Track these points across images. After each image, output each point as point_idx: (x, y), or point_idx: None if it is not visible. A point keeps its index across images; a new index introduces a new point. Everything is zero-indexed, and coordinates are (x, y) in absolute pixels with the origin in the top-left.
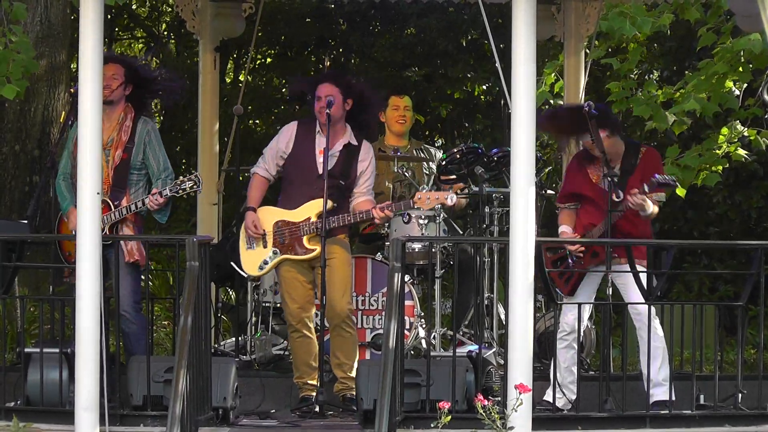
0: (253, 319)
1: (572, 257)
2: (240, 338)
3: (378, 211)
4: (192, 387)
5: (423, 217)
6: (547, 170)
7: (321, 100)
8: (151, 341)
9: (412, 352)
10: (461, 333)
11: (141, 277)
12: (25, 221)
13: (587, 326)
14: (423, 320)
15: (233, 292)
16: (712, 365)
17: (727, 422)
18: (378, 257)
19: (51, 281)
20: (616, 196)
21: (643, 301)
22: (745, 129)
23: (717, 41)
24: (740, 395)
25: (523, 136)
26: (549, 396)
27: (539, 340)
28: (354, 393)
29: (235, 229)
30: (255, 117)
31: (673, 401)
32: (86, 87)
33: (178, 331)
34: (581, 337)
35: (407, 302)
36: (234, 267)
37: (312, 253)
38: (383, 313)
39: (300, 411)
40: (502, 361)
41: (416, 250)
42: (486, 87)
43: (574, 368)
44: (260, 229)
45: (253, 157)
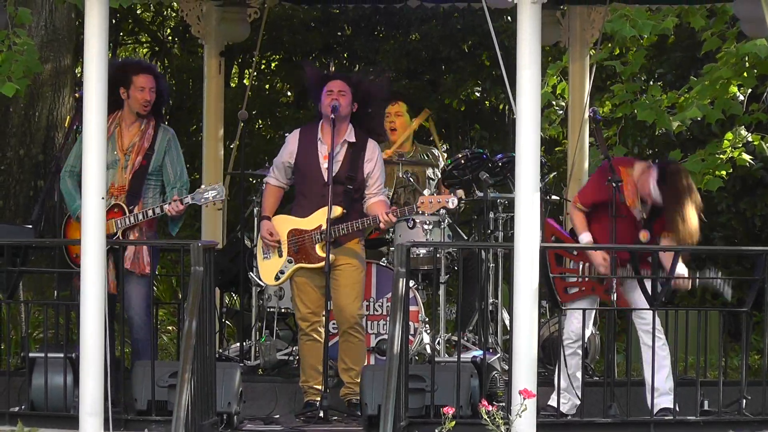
0: (258, 324)
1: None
2: (244, 343)
3: (384, 216)
4: (196, 392)
5: (428, 222)
6: (551, 175)
7: (333, 93)
8: (156, 346)
9: (417, 357)
10: (466, 338)
11: (152, 282)
12: (30, 226)
13: (592, 332)
14: (427, 325)
15: (238, 297)
16: (717, 371)
17: (731, 428)
18: (383, 262)
19: (56, 286)
20: (643, 238)
21: (647, 308)
22: (749, 134)
23: (722, 46)
24: (744, 401)
25: (528, 142)
26: (553, 401)
27: (543, 346)
28: (359, 399)
29: (239, 233)
30: (259, 122)
31: (677, 411)
32: (91, 91)
33: (183, 336)
34: (585, 343)
35: (412, 307)
36: (252, 277)
37: (322, 262)
38: (388, 318)
39: (304, 416)
40: (507, 367)
41: (421, 256)
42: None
43: (578, 374)
44: (276, 237)
45: (258, 162)
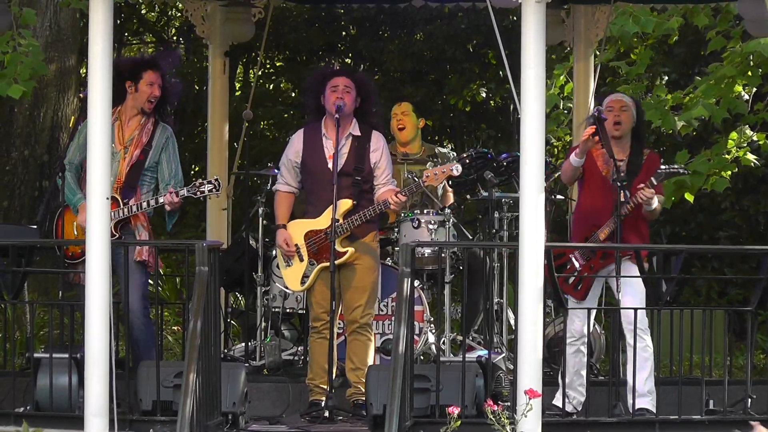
0: (263, 324)
1: (580, 259)
2: (249, 343)
3: (393, 197)
4: (201, 392)
5: (432, 222)
6: (556, 175)
7: (338, 90)
8: (161, 346)
9: (422, 357)
10: (471, 338)
11: (149, 282)
12: (35, 226)
13: (596, 331)
14: (432, 325)
15: (243, 297)
16: (721, 370)
17: (736, 427)
18: (387, 262)
19: (60, 286)
20: (624, 198)
21: (635, 307)
22: (754, 133)
23: (726, 45)
24: (749, 400)
25: (533, 141)
26: (557, 401)
27: (549, 345)
28: (365, 399)
29: (244, 234)
30: (264, 122)
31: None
32: (95, 92)
33: (188, 336)
34: (590, 340)
35: (417, 307)
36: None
37: (345, 255)
38: (393, 318)
39: (309, 416)
40: (512, 366)
41: (426, 255)
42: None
43: (583, 371)
44: (292, 246)
45: (263, 162)
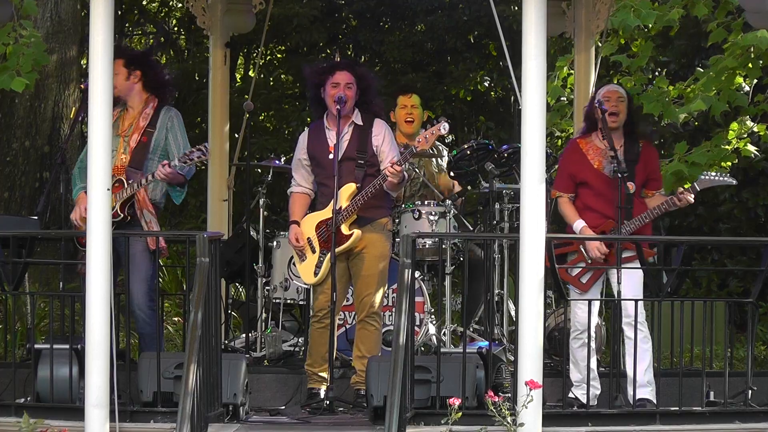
0: (264, 315)
1: (589, 256)
2: (250, 334)
3: (389, 169)
4: (202, 383)
5: (433, 213)
6: (557, 166)
7: (339, 87)
8: (161, 337)
9: (423, 348)
10: (471, 329)
11: (156, 275)
12: (35, 217)
13: (597, 323)
14: (433, 317)
15: (243, 288)
16: (722, 362)
17: (737, 419)
18: None
19: (61, 277)
20: (631, 189)
21: (636, 299)
22: (754, 125)
23: (727, 37)
24: (750, 392)
25: (534, 132)
26: (573, 392)
27: (549, 337)
28: (365, 389)
29: (245, 225)
30: (265, 113)
31: (655, 404)
32: (96, 83)
33: (189, 327)
34: (593, 332)
35: (417, 299)
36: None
37: (351, 238)
38: (393, 309)
39: (310, 407)
40: (513, 358)
41: (426, 247)
42: (490, 84)
43: (593, 364)
44: (301, 242)
45: (264, 153)
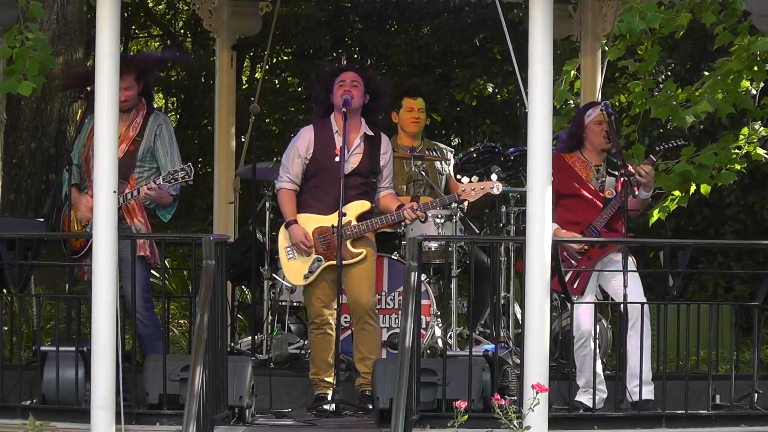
0: (270, 317)
1: (575, 256)
2: (256, 337)
3: (409, 212)
4: (208, 386)
5: (440, 216)
6: None
7: (345, 84)
8: (167, 339)
9: (429, 351)
10: (477, 332)
11: (155, 275)
12: (41, 219)
13: (603, 326)
14: (439, 319)
15: (249, 291)
16: (728, 365)
17: (743, 422)
18: (394, 256)
19: (67, 279)
20: (609, 193)
21: (638, 301)
22: (762, 128)
23: (734, 40)
24: (756, 395)
25: (540, 135)
26: (579, 397)
27: (555, 340)
28: (371, 392)
29: (251, 227)
30: (271, 115)
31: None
32: (103, 85)
33: (195, 330)
34: (597, 336)
35: (423, 301)
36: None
37: (357, 257)
38: (399, 312)
39: (316, 410)
40: (519, 361)
41: (433, 249)
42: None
43: (598, 369)
44: (311, 241)
45: (270, 156)
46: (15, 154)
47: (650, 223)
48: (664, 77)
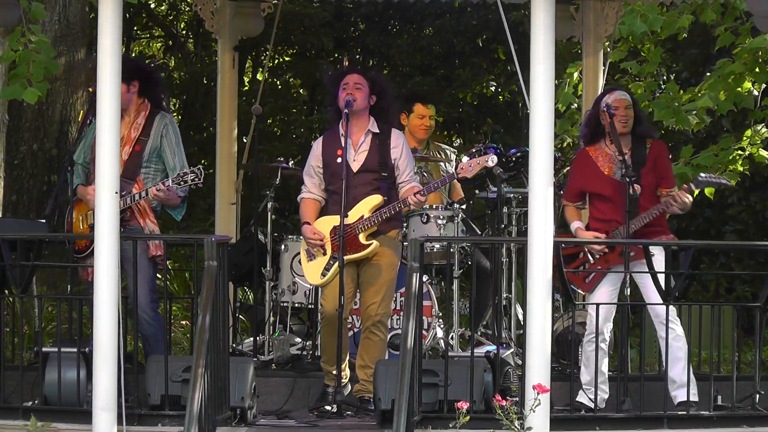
0: (272, 318)
1: (594, 256)
2: (258, 338)
3: (412, 197)
4: (210, 387)
5: (441, 217)
6: (565, 171)
7: (348, 87)
8: (169, 340)
9: (430, 352)
10: (479, 333)
11: (158, 276)
12: (43, 220)
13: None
14: (441, 320)
15: (251, 292)
16: (730, 366)
17: (745, 423)
18: None
19: (69, 280)
20: (633, 191)
21: (661, 302)
22: (765, 130)
23: (735, 42)
24: (758, 396)
25: (542, 136)
26: (580, 397)
27: (557, 341)
28: (371, 396)
29: (253, 228)
30: (273, 117)
31: (696, 403)
32: (105, 86)
33: (196, 331)
34: (608, 335)
35: (425, 302)
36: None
37: (368, 248)
38: (401, 313)
39: (318, 411)
40: (520, 362)
41: (434, 251)
42: (498, 88)
43: (604, 368)
44: (321, 234)
45: (271, 157)
46: (17, 155)
47: None
48: (665, 79)
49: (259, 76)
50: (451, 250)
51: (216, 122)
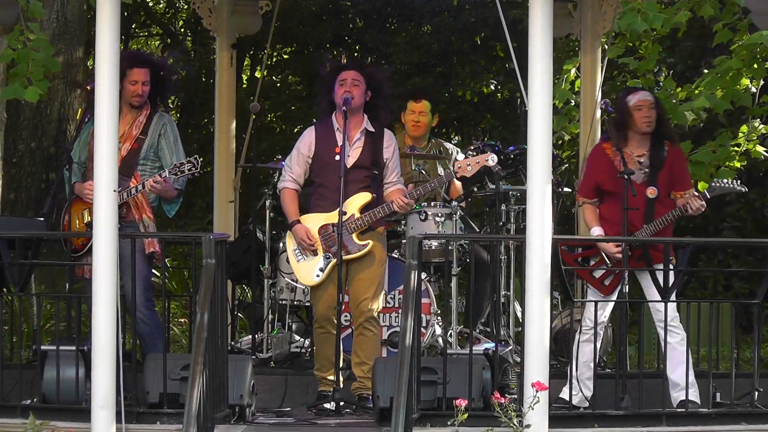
0: (270, 316)
1: (611, 260)
2: (256, 336)
3: (398, 200)
4: (208, 384)
5: (440, 214)
6: (563, 168)
7: (346, 84)
8: (168, 338)
9: (429, 349)
10: (478, 331)
11: (153, 273)
12: (42, 218)
13: (603, 323)
14: (439, 318)
15: (250, 290)
16: (728, 363)
17: (744, 420)
18: (395, 254)
19: (67, 278)
20: (652, 194)
21: (645, 300)
22: (762, 126)
23: (733, 38)
24: (756, 393)
25: (540, 133)
26: (564, 393)
27: (555, 338)
28: (370, 393)
29: (251, 226)
30: (271, 114)
31: (696, 403)
32: (103, 84)
33: (195, 329)
34: (600, 332)
35: (424, 300)
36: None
37: (366, 248)
38: (400, 310)
39: (316, 409)
40: (519, 359)
41: (433, 248)
42: (497, 86)
43: (591, 364)
44: (313, 239)
45: (270, 155)
46: (15, 153)
47: None
48: (664, 76)
49: (258, 74)
50: (450, 248)
51: (214, 120)
